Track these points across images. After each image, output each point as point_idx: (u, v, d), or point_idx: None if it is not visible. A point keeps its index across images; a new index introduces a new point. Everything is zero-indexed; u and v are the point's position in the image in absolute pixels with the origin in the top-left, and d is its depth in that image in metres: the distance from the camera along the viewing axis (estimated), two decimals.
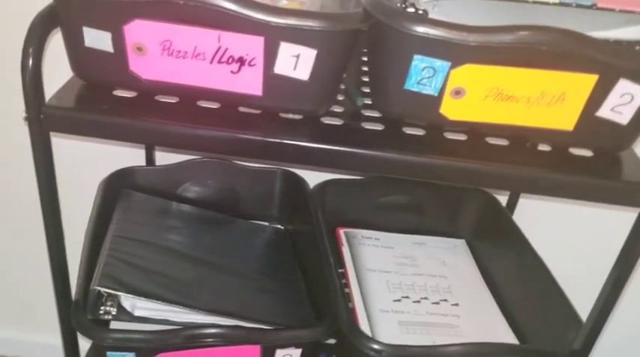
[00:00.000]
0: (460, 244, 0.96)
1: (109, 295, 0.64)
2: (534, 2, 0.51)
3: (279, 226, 0.95)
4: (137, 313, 0.65)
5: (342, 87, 0.65)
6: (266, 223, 0.94)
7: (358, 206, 0.92)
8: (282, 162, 0.63)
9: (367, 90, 0.64)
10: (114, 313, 0.64)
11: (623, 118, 0.55)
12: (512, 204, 0.94)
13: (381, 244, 0.95)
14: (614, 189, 0.56)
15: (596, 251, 0.92)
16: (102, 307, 0.64)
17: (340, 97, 0.63)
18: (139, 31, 0.51)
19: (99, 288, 0.63)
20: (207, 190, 0.90)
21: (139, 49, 0.52)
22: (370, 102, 0.61)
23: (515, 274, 0.84)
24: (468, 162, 0.55)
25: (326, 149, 0.54)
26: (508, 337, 0.78)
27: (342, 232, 0.94)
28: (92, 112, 0.54)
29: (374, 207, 0.92)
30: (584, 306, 0.66)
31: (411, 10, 0.53)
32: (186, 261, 0.77)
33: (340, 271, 0.87)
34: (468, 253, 0.95)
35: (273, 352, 0.66)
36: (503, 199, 0.94)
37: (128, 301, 0.65)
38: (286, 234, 0.94)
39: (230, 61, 0.52)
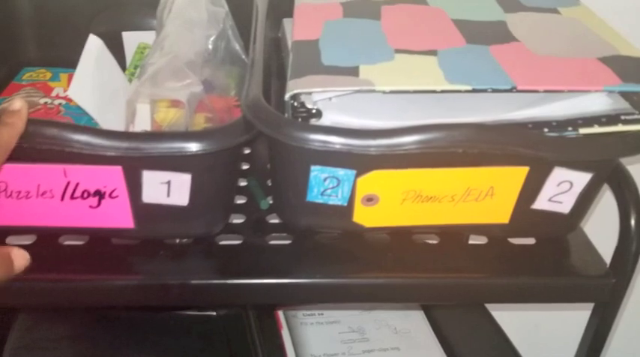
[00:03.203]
0: (413, 306, 0.88)
1: None
2: (443, 91, 0.42)
3: (212, 313, 0.85)
4: None
5: (244, 185, 0.55)
6: (196, 312, 0.84)
7: None
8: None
9: None
10: None
11: (564, 207, 0.47)
12: None
13: (325, 320, 0.87)
14: (563, 288, 0.48)
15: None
16: None
17: (242, 200, 0.53)
18: None
19: None
20: None
21: None
22: None
23: (473, 341, 0.76)
24: (393, 277, 0.46)
25: (220, 285, 0.45)
26: None
27: (280, 312, 0.85)
28: None
29: None
30: None
31: (303, 110, 0.44)
32: None
33: None
34: (422, 317, 0.87)
35: None
36: None
37: None
38: (219, 322, 0.84)
39: (85, 195, 0.42)
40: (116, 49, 0.71)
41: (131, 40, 0.68)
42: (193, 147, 0.40)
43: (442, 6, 0.55)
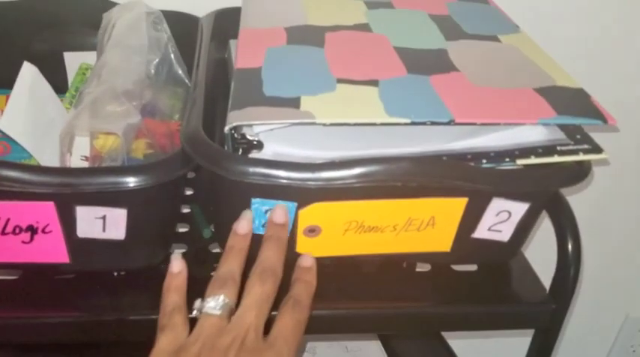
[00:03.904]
0: None
1: None
2: (383, 124, 0.42)
3: None
4: None
5: (188, 211, 0.54)
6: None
7: None
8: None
9: None
10: None
11: (503, 235, 0.47)
12: None
13: None
14: (505, 315, 0.48)
15: None
16: None
17: (184, 228, 0.53)
18: None
19: None
20: None
21: None
22: None
23: None
24: (337, 308, 0.46)
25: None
26: None
27: None
28: None
29: None
30: None
31: (243, 141, 0.43)
32: None
33: None
34: (374, 336, 0.87)
35: None
36: None
37: None
38: None
39: (17, 231, 0.41)
40: (57, 69, 0.69)
41: (73, 60, 0.67)
42: (129, 182, 0.39)
43: (385, 32, 0.56)
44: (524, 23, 0.59)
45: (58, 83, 0.58)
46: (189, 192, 0.57)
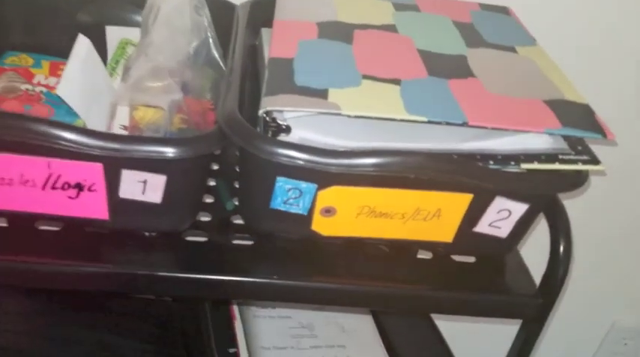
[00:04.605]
0: (362, 309, 0.93)
1: None
2: (402, 120, 0.47)
3: (168, 299, 0.88)
4: None
5: (213, 184, 0.59)
6: (152, 297, 0.87)
7: None
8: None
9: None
10: None
11: (502, 232, 0.52)
12: None
13: (277, 315, 0.90)
14: (496, 304, 0.53)
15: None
16: None
17: (210, 199, 0.57)
18: None
19: None
20: None
21: None
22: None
23: (415, 345, 0.81)
24: (344, 283, 0.51)
25: (184, 279, 0.48)
26: None
27: (235, 305, 0.88)
28: None
29: None
30: None
31: (273, 125, 0.47)
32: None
33: (232, 351, 0.82)
34: (369, 319, 0.91)
35: None
36: None
37: None
38: (174, 308, 0.87)
39: (65, 187, 0.45)
40: (98, 41, 0.73)
41: (114, 34, 0.71)
42: (171, 152, 0.44)
43: (410, 34, 0.60)
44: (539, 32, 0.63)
45: (99, 55, 0.63)
46: (215, 167, 0.62)
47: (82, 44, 0.51)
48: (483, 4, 0.71)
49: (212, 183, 0.59)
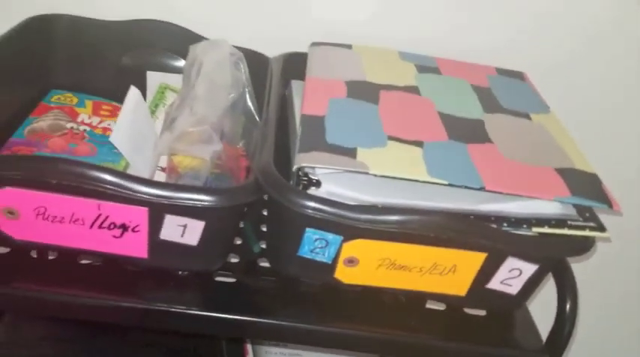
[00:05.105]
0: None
1: None
2: (425, 182, 0.50)
3: None
4: None
5: (241, 226, 0.63)
6: None
7: None
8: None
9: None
10: None
11: (513, 289, 0.55)
12: None
13: (289, 353, 0.93)
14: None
15: None
16: None
17: (238, 241, 0.61)
18: (11, 197, 0.47)
19: None
20: None
21: (11, 212, 0.48)
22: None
23: None
24: (359, 329, 0.54)
25: (213, 318, 0.52)
26: None
27: (248, 342, 0.91)
28: None
29: None
30: None
31: (305, 179, 0.51)
32: None
33: None
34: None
35: None
36: None
37: None
38: (191, 341, 0.90)
39: (112, 227, 0.49)
40: (139, 85, 0.78)
41: (154, 78, 0.76)
42: (212, 201, 0.48)
43: (431, 97, 0.64)
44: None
45: None
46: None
47: (133, 95, 0.56)
48: (500, 68, 0.75)
49: (240, 225, 0.63)
